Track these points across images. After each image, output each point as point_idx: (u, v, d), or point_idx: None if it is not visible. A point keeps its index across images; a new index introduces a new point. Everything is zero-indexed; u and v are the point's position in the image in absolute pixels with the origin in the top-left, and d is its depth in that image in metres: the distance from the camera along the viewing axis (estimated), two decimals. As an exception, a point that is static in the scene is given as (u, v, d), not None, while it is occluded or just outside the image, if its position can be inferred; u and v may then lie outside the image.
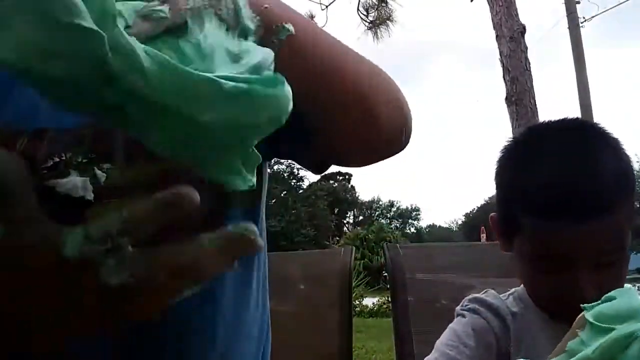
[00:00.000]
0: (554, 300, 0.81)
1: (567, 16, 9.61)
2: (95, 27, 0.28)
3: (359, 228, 29.36)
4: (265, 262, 0.74)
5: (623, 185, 0.80)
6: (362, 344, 6.63)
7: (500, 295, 0.93)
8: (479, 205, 38.72)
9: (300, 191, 32.21)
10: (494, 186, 0.91)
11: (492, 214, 0.93)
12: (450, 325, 0.89)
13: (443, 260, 1.47)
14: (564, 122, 0.90)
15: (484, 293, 0.93)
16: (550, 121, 0.91)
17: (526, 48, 6.16)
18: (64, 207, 0.33)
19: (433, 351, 0.86)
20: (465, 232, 38.33)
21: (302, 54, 0.50)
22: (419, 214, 47.39)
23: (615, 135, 0.84)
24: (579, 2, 9.83)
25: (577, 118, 1.02)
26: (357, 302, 11.26)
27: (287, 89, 0.33)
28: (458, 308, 0.92)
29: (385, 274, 1.47)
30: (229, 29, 0.36)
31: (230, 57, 0.34)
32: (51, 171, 0.35)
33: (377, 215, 45.32)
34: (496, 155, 0.93)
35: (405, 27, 8.43)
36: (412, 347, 1.28)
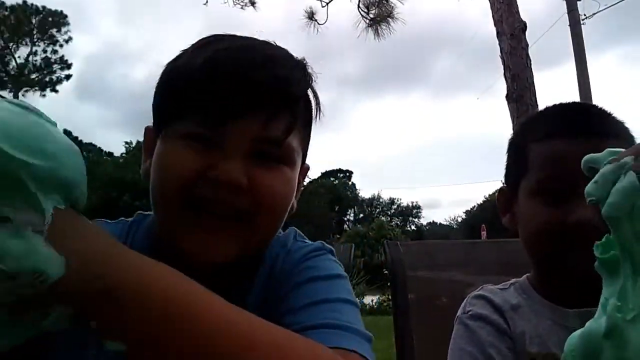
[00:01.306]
0: (562, 236, 0.81)
1: (568, 13, 9.60)
2: None
3: (359, 225, 29.37)
4: None
5: (625, 132, 0.86)
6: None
7: (500, 286, 0.93)
8: (479, 203, 38.73)
9: (301, 188, 32.20)
10: (505, 158, 0.97)
11: (500, 187, 0.97)
12: (462, 346, 0.86)
13: (443, 258, 1.47)
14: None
15: (480, 289, 0.93)
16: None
17: (527, 45, 6.15)
18: None
19: None
20: (465, 230, 38.29)
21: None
22: (419, 212, 47.44)
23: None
24: (580, -1, 9.81)
25: None
26: (357, 300, 11.24)
27: None
28: (461, 314, 0.90)
29: (386, 271, 1.46)
30: None
31: None
32: None
33: (377, 213, 45.33)
34: (497, 152, 0.97)
35: (405, 23, 8.40)
36: (412, 344, 1.28)
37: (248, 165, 0.65)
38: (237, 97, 0.64)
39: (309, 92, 0.74)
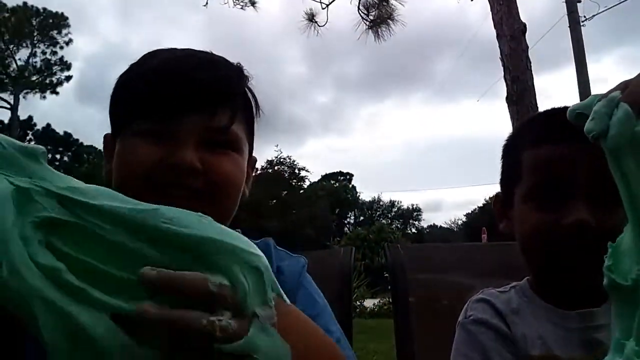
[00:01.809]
0: (557, 239, 0.81)
1: (567, 15, 9.61)
2: None
3: (359, 228, 29.36)
4: None
5: None
6: (362, 344, 6.61)
7: (501, 289, 0.93)
8: (480, 206, 38.71)
9: (301, 191, 32.23)
10: (500, 165, 0.97)
11: (496, 193, 0.97)
12: (464, 352, 0.86)
13: (444, 261, 1.47)
14: None
15: (481, 293, 0.93)
16: None
17: (527, 47, 6.15)
18: None
19: None
20: (466, 233, 38.24)
21: None
22: (420, 215, 47.39)
23: None
24: (579, 1, 9.82)
25: None
26: (358, 303, 11.24)
27: None
28: (463, 320, 0.90)
29: (387, 274, 1.46)
30: None
31: None
32: None
33: (378, 216, 45.31)
34: (497, 155, 0.98)
35: (406, 25, 8.41)
36: (413, 347, 1.28)
37: (200, 152, 0.74)
38: (184, 94, 0.74)
39: (248, 93, 0.84)
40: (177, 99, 0.74)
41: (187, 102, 0.74)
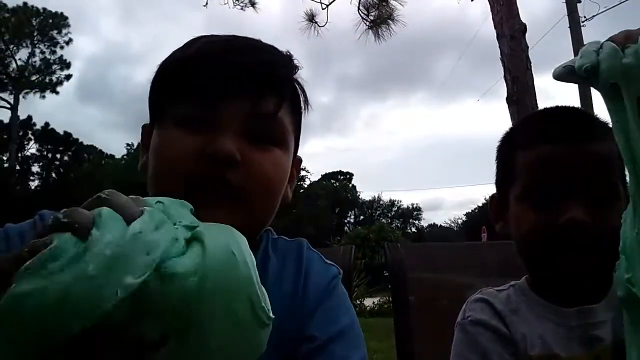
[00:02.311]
0: (553, 239, 0.81)
1: (568, 15, 9.61)
2: None
3: (360, 227, 29.34)
4: None
5: (610, 134, 0.80)
6: (363, 343, 6.58)
7: (499, 288, 0.93)
8: (480, 205, 38.66)
9: (301, 190, 32.19)
10: (495, 165, 0.97)
11: (492, 194, 0.97)
12: (464, 353, 0.86)
13: (444, 260, 1.47)
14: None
15: (479, 292, 0.93)
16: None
17: (527, 47, 6.15)
18: None
19: None
20: (466, 232, 38.19)
21: None
22: (420, 214, 47.36)
23: None
24: (580, 2, 9.82)
25: None
26: (358, 302, 11.24)
27: None
28: (461, 320, 0.90)
29: (387, 273, 1.46)
30: None
31: None
32: None
33: (378, 215, 45.28)
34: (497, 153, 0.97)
35: (406, 25, 8.40)
36: (413, 346, 1.28)
37: (241, 142, 0.68)
38: (226, 78, 0.68)
39: (296, 84, 0.78)
40: (217, 82, 0.68)
41: (229, 86, 0.68)
